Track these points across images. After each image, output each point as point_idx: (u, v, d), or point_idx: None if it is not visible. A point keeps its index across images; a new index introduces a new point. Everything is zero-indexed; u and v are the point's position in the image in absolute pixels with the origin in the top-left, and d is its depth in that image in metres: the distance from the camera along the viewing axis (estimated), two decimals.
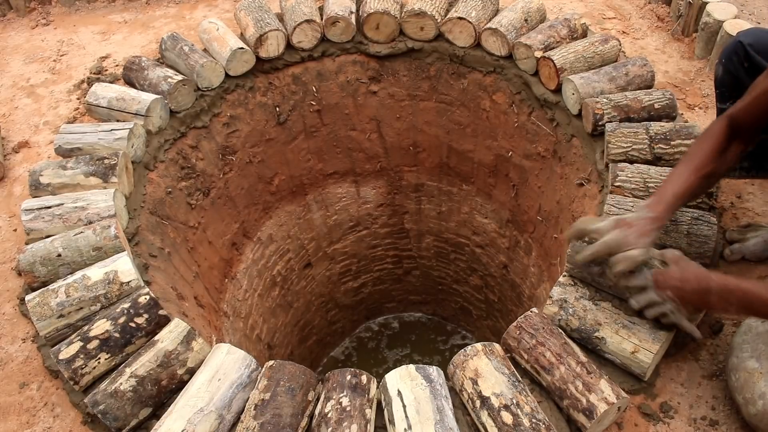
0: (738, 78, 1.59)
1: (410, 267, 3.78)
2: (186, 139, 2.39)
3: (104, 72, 2.71)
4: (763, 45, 1.56)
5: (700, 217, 1.65)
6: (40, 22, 3.12)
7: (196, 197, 2.46)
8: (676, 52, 2.60)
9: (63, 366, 1.49)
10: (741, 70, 1.58)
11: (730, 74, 1.62)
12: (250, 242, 2.89)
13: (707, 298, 1.34)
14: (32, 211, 1.82)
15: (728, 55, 1.61)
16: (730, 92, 1.64)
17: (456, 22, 2.50)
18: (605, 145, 1.96)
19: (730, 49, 1.61)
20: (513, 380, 1.42)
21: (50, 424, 1.54)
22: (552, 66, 2.24)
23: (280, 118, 2.75)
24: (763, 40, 1.57)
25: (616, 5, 2.92)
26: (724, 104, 1.68)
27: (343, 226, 3.40)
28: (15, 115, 2.54)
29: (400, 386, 1.42)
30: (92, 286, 1.60)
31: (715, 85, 1.71)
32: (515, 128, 2.64)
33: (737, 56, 1.59)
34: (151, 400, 1.47)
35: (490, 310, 3.52)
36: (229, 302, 2.68)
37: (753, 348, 1.41)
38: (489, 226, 3.16)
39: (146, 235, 2.03)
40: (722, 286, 1.31)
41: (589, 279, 1.60)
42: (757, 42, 1.56)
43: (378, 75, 2.77)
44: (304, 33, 2.54)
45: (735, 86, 1.61)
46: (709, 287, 1.33)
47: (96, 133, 2.05)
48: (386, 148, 3.09)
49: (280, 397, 1.39)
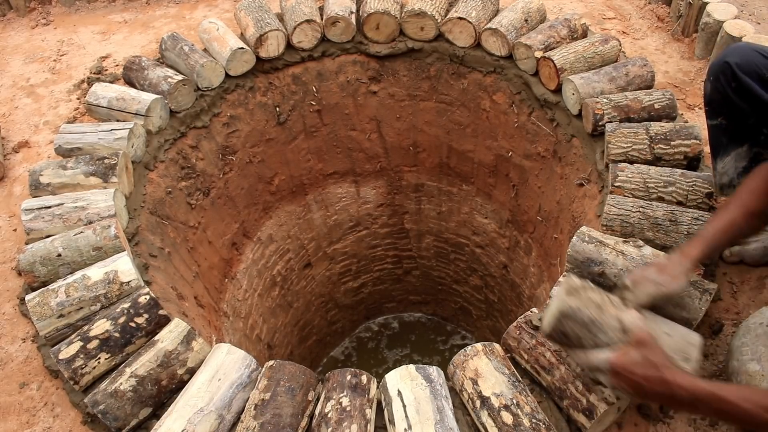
0: (726, 96, 1.59)
1: (410, 267, 3.78)
2: (186, 139, 2.39)
3: (104, 72, 2.71)
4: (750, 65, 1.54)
5: (700, 217, 1.65)
6: (40, 22, 3.12)
7: (196, 197, 2.46)
8: (676, 53, 2.60)
9: (63, 366, 1.49)
10: (729, 89, 1.57)
11: (718, 92, 1.61)
12: (250, 242, 2.89)
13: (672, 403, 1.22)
14: (32, 211, 1.82)
15: (716, 74, 1.60)
16: (720, 110, 1.64)
17: (456, 22, 2.50)
18: (605, 146, 1.96)
19: (717, 69, 1.59)
20: (513, 380, 1.42)
21: (50, 424, 1.54)
22: (552, 66, 2.24)
23: (280, 118, 2.75)
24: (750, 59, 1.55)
25: (616, 5, 2.92)
26: (715, 120, 1.67)
27: (343, 226, 3.40)
28: (15, 114, 2.54)
29: (400, 386, 1.42)
30: (92, 286, 1.60)
31: (704, 102, 1.70)
32: (515, 128, 2.64)
33: (725, 76, 1.58)
34: (151, 400, 1.47)
35: (490, 310, 3.52)
36: (229, 302, 2.68)
37: (753, 350, 1.40)
38: (489, 226, 3.16)
39: (146, 235, 2.03)
40: (691, 395, 1.14)
41: (589, 279, 1.60)
42: (744, 62, 1.54)
43: (378, 75, 2.77)
44: (304, 33, 2.54)
45: (724, 104, 1.61)
46: (676, 394, 1.16)
47: (96, 133, 2.05)
48: (386, 148, 3.09)
49: (280, 397, 1.39)
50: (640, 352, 1.20)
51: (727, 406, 1.12)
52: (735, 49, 1.59)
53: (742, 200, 1.45)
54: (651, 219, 1.68)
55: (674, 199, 1.76)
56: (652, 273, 1.37)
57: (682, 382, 1.15)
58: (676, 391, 1.15)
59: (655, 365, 1.18)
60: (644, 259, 1.54)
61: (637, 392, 1.20)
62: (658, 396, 1.18)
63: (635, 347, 1.21)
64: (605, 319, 1.27)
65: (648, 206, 1.71)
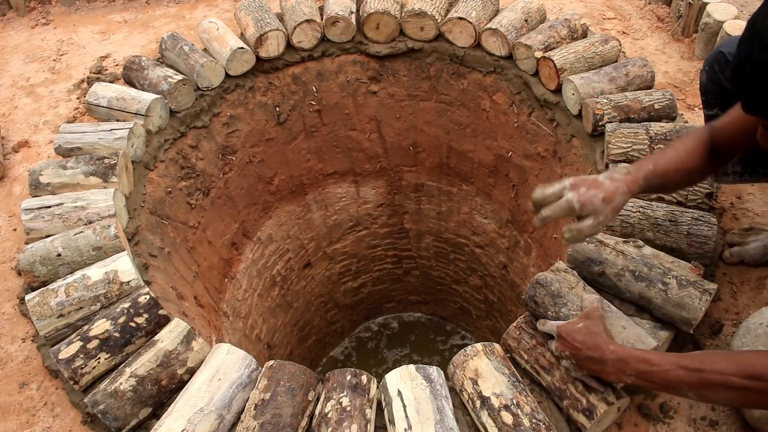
0: (721, 86, 1.60)
1: (410, 267, 3.78)
2: (186, 138, 2.39)
3: (104, 71, 2.71)
4: None
5: (700, 217, 1.65)
6: (40, 22, 3.12)
7: (196, 197, 2.46)
8: (676, 53, 2.60)
9: (63, 366, 1.49)
10: (723, 78, 1.59)
11: (713, 82, 1.63)
12: (249, 242, 2.89)
13: (602, 368, 1.26)
14: (32, 211, 1.82)
15: (711, 64, 1.63)
16: (715, 99, 1.66)
17: (456, 22, 2.50)
18: (605, 146, 1.96)
19: (713, 58, 1.62)
20: (513, 380, 1.42)
21: (50, 423, 1.54)
22: (552, 66, 2.24)
23: (280, 118, 2.75)
24: None
25: (616, 6, 2.92)
26: (711, 110, 1.69)
27: (342, 226, 3.40)
28: (15, 114, 2.54)
29: (400, 386, 1.42)
30: (92, 285, 1.60)
31: (700, 92, 1.72)
32: (515, 128, 2.64)
33: (719, 65, 1.60)
34: (151, 400, 1.47)
35: (490, 310, 3.52)
36: (229, 302, 2.68)
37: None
38: (489, 227, 3.16)
39: (146, 234, 2.03)
40: (617, 356, 1.23)
41: (589, 278, 1.60)
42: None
43: (378, 75, 2.77)
44: (304, 33, 2.54)
45: (719, 94, 1.63)
46: (604, 356, 1.24)
47: (96, 132, 2.05)
48: (386, 148, 3.09)
49: (280, 397, 1.39)
50: (584, 322, 1.32)
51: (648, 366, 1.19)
52: (731, 40, 1.60)
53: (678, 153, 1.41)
54: (651, 219, 1.68)
55: (674, 199, 1.76)
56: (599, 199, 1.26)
57: (612, 346, 1.25)
58: (606, 354, 1.24)
59: (593, 333, 1.29)
60: (644, 258, 1.54)
61: (574, 356, 1.31)
62: (589, 360, 1.27)
63: (581, 318, 1.34)
64: (570, 296, 1.48)
65: (648, 206, 1.71)
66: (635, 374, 1.21)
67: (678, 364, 1.16)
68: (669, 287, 1.46)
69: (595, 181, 1.30)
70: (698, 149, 1.44)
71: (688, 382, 1.14)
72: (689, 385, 1.15)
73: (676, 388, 1.18)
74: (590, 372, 1.32)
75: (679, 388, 1.17)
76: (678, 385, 1.16)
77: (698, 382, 1.13)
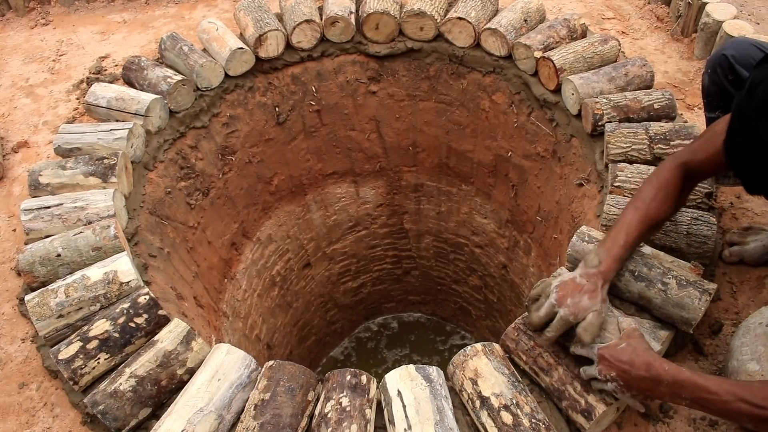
0: (723, 89, 1.61)
1: (409, 267, 3.78)
2: (185, 139, 2.38)
3: (103, 72, 2.71)
4: (746, 58, 1.56)
5: (700, 217, 1.65)
6: (39, 22, 3.12)
7: (196, 197, 2.46)
8: (675, 53, 2.60)
9: (62, 366, 1.49)
10: (726, 81, 1.59)
11: (715, 85, 1.63)
12: (249, 242, 2.89)
13: (656, 388, 1.22)
14: (31, 211, 1.82)
15: (713, 66, 1.62)
16: (717, 102, 1.66)
17: (455, 22, 2.50)
18: (605, 146, 1.96)
19: (715, 61, 1.62)
20: (513, 380, 1.42)
21: (50, 424, 1.54)
22: (551, 66, 2.24)
23: (280, 118, 2.75)
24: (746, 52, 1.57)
25: (616, 5, 2.92)
26: (713, 113, 1.69)
27: (342, 227, 3.40)
28: (14, 114, 2.54)
29: (400, 386, 1.42)
30: (92, 286, 1.60)
31: (702, 95, 1.72)
32: (515, 128, 2.64)
33: (721, 68, 1.60)
34: (151, 400, 1.47)
35: (490, 310, 3.52)
36: (229, 302, 2.68)
37: (752, 350, 1.40)
38: (488, 227, 3.16)
39: (146, 235, 2.03)
40: (673, 378, 1.19)
41: None
42: (740, 54, 1.56)
43: (377, 75, 2.77)
44: (303, 33, 2.54)
45: (721, 97, 1.63)
46: (660, 377, 1.20)
47: (95, 133, 2.05)
48: (386, 148, 3.09)
49: (280, 397, 1.39)
50: (626, 342, 1.28)
51: (706, 394, 1.16)
52: (733, 42, 1.61)
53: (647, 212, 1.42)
54: None
55: None
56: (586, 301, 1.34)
57: (666, 366, 1.21)
58: (661, 375, 1.20)
59: (639, 351, 1.25)
60: (643, 258, 1.54)
61: (622, 377, 1.25)
62: (642, 380, 1.22)
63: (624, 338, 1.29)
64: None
65: None
66: (691, 399, 1.19)
67: (738, 396, 1.14)
68: (669, 287, 1.46)
69: (575, 286, 1.37)
70: (669, 195, 1.44)
71: (749, 415, 1.13)
72: (749, 418, 1.14)
73: (735, 419, 1.18)
74: (641, 392, 1.26)
75: (737, 419, 1.17)
76: (737, 417, 1.16)
77: (760, 418, 1.12)
